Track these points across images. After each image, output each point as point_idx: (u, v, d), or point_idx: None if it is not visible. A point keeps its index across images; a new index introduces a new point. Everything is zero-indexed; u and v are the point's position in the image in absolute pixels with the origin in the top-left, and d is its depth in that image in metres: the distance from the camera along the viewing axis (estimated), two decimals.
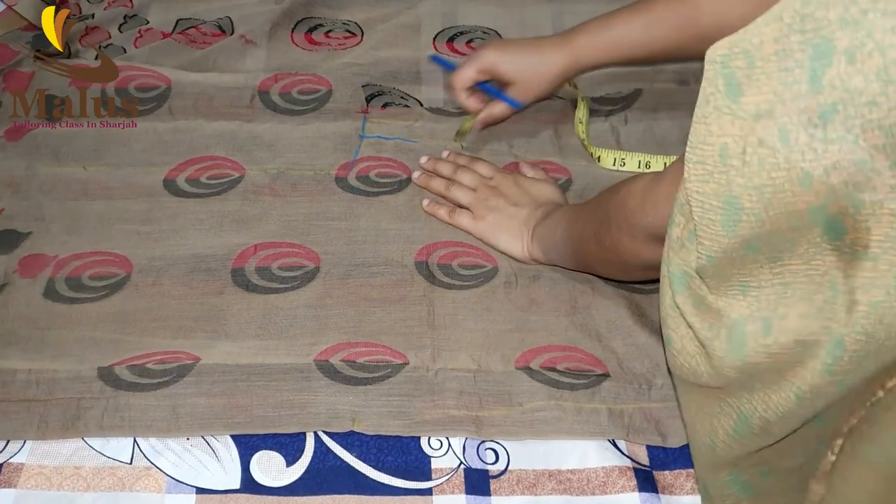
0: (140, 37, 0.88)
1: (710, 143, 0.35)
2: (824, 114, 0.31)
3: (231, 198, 0.74)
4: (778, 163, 0.33)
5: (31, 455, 0.57)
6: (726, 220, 0.36)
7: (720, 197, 0.36)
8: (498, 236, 0.69)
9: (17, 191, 0.74)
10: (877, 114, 0.30)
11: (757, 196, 0.34)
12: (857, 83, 0.30)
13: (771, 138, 0.33)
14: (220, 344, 0.63)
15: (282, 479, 0.57)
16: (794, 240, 0.35)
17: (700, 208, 0.37)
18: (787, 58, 0.32)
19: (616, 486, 0.56)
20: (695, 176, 0.37)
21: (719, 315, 0.39)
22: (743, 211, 0.35)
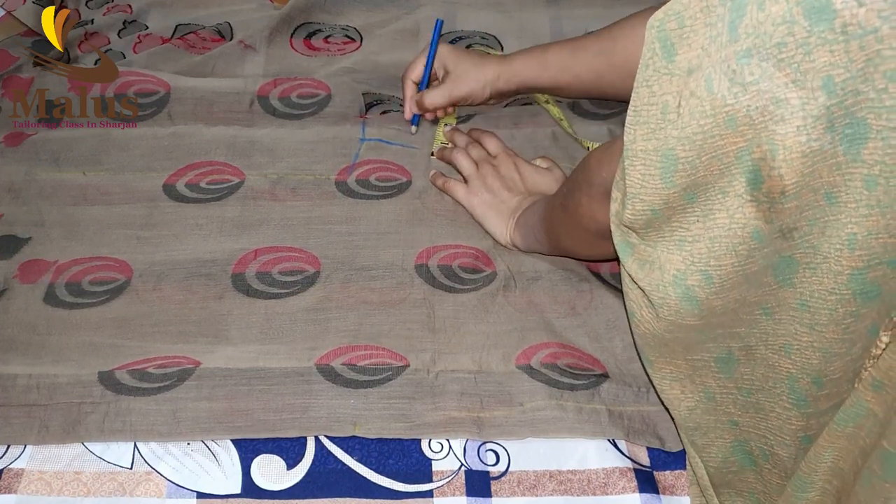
0: (139, 42, 0.89)
1: (653, 104, 0.38)
2: (741, 59, 0.34)
3: (231, 203, 0.74)
4: (705, 110, 0.36)
5: (31, 460, 0.57)
6: (664, 172, 0.39)
7: (659, 152, 0.39)
8: (486, 217, 0.71)
9: (17, 196, 0.74)
10: (785, 52, 0.33)
11: (689, 145, 0.37)
12: (767, 28, 0.34)
13: (699, 89, 0.36)
14: (221, 348, 0.63)
15: (282, 483, 0.57)
16: (725, 191, 0.38)
17: (643, 165, 0.40)
18: (710, 13, 0.36)
19: (617, 487, 0.56)
20: (640, 136, 0.40)
21: (661, 270, 0.42)
22: (678, 160, 0.38)
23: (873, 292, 0.37)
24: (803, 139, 0.34)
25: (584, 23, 0.90)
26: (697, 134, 0.37)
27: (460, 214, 0.73)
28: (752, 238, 0.38)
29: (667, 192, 0.39)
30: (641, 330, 0.46)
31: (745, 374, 0.44)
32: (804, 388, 0.42)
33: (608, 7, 0.91)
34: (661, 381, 0.49)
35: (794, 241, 0.38)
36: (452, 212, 0.73)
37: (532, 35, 0.89)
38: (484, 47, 0.88)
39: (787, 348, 0.41)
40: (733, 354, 0.44)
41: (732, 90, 0.35)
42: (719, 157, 0.37)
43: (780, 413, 0.44)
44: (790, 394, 0.43)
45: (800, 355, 0.41)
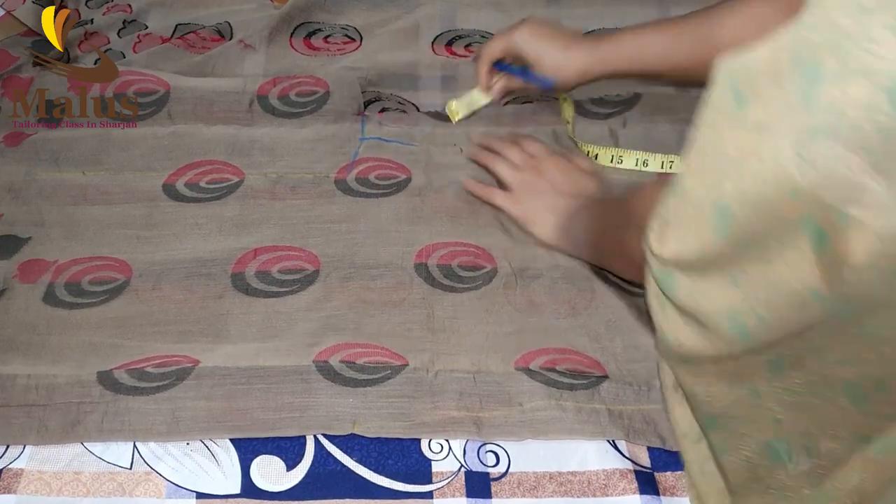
0: (139, 42, 0.89)
1: (718, 151, 0.36)
2: (812, 134, 0.32)
3: (230, 202, 0.74)
4: (768, 178, 0.34)
5: (30, 460, 0.57)
6: (717, 226, 0.37)
7: (715, 204, 0.37)
8: (532, 221, 0.69)
9: (17, 196, 0.74)
10: (863, 136, 0.31)
11: (747, 205, 0.35)
12: (845, 108, 0.31)
13: (766, 153, 0.34)
14: (220, 347, 0.63)
15: (282, 484, 0.57)
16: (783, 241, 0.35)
17: (694, 210, 0.38)
18: (780, 77, 0.33)
19: (617, 489, 0.56)
20: (699, 182, 0.38)
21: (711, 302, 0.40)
22: (733, 216, 0.36)
23: None
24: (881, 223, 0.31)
25: (583, 22, 0.90)
26: (757, 196, 0.35)
27: (460, 212, 0.73)
28: (813, 297, 0.36)
29: (718, 243, 0.37)
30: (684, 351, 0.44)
31: (796, 377, 0.42)
32: (864, 391, 0.40)
33: (608, 6, 0.91)
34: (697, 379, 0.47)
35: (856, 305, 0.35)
36: (452, 209, 0.73)
37: None
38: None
39: (844, 363, 0.39)
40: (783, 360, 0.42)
41: (801, 166, 0.32)
42: (779, 219, 0.35)
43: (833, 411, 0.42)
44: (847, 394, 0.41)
45: (860, 367, 0.39)
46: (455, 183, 0.75)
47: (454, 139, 0.79)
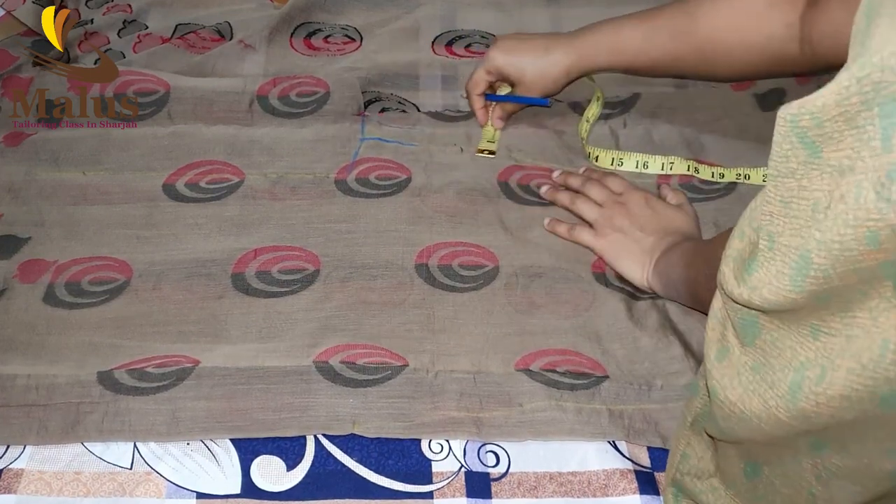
0: (139, 42, 0.89)
1: (804, 198, 0.35)
2: (891, 173, 0.31)
3: (230, 202, 0.74)
4: (848, 220, 0.33)
5: (30, 461, 0.57)
6: (795, 275, 0.36)
7: (798, 251, 0.36)
8: (619, 259, 0.67)
9: (17, 196, 0.74)
10: None
11: (826, 252, 0.34)
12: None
13: (849, 194, 0.33)
14: (220, 347, 0.63)
15: (282, 484, 0.57)
16: (866, 292, 0.35)
17: (781, 262, 0.37)
18: (854, 119, 0.33)
19: (617, 489, 0.56)
20: (787, 230, 0.36)
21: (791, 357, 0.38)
22: (812, 266, 0.35)
23: None
24: None
25: (583, 22, 0.89)
26: (835, 242, 0.34)
27: (460, 212, 0.73)
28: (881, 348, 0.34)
29: (795, 296, 0.36)
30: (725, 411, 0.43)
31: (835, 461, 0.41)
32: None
33: (608, 6, 0.91)
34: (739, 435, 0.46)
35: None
36: (453, 209, 0.73)
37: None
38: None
39: (891, 453, 0.38)
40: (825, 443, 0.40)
41: (878, 204, 0.32)
42: (857, 271, 0.34)
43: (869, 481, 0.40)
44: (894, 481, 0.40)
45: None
46: (456, 183, 0.75)
47: (454, 139, 0.79)
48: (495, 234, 0.71)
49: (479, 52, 0.88)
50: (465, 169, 0.77)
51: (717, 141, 0.79)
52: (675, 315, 0.65)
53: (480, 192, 0.75)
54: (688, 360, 0.62)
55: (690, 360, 0.62)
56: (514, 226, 0.72)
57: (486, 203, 0.74)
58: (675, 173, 0.76)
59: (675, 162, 0.76)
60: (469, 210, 0.73)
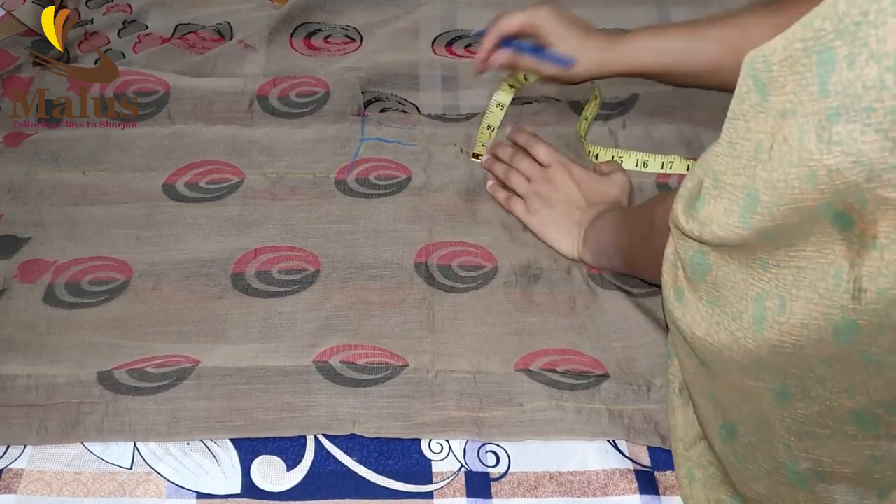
0: (139, 42, 0.89)
1: (749, 139, 0.37)
2: (830, 116, 0.33)
3: (230, 202, 0.74)
4: (792, 160, 0.35)
5: (31, 461, 0.57)
6: (743, 212, 0.38)
7: (745, 189, 0.37)
8: (548, 233, 0.69)
9: (17, 196, 0.74)
10: (874, 118, 0.32)
11: (772, 190, 0.36)
12: (857, 89, 0.32)
13: (791, 136, 0.35)
14: (220, 347, 0.63)
15: (282, 484, 0.57)
16: (807, 230, 0.36)
17: (728, 200, 0.39)
18: (796, 63, 0.34)
19: (617, 489, 0.56)
20: (730, 169, 0.38)
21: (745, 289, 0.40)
22: (759, 203, 0.37)
23: None
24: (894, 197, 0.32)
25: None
26: (780, 181, 0.35)
27: (460, 211, 0.73)
28: (833, 277, 0.36)
29: (743, 232, 0.38)
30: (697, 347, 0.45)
31: (801, 409, 0.42)
32: (873, 416, 0.40)
33: (608, 6, 0.91)
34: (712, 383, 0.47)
35: (859, 305, 0.35)
36: (452, 208, 0.73)
37: None
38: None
39: (849, 391, 0.39)
40: (789, 390, 0.42)
41: (819, 146, 0.34)
42: (797, 210, 0.36)
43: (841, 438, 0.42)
44: (855, 422, 0.41)
45: (866, 396, 0.39)
46: (455, 182, 0.75)
47: (454, 139, 0.79)
48: (494, 233, 0.71)
49: None
50: (464, 169, 0.77)
51: None
52: None
53: (480, 192, 0.75)
54: None
55: None
56: (514, 225, 0.72)
57: (485, 203, 0.74)
58: (674, 172, 0.76)
59: (674, 161, 0.76)
60: (468, 209, 0.73)
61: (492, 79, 0.84)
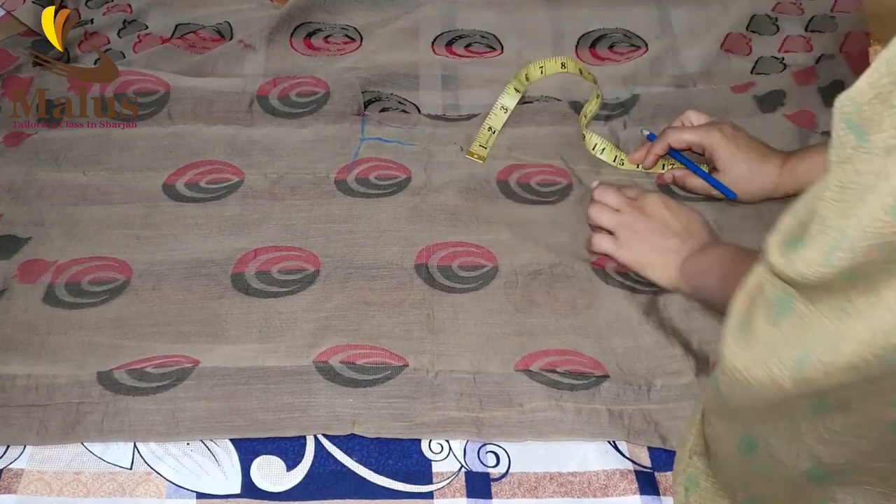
0: (139, 42, 0.88)
1: (857, 182, 0.36)
2: None
3: (230, 202, 0.74)
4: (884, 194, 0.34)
5: (31, 461, 0.57)
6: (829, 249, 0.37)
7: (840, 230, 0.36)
8: (646, 267, 0.67)
9: (17, 196, 0.74)
10: None
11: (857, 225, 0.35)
12: None
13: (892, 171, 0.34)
14: (220, 347, 0.63)
15: (282, 484, 0.57)
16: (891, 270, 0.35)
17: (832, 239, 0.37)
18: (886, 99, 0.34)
19: (618, 489, 0.56)
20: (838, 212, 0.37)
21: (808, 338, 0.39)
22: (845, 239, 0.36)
23: None
24: None
25: (584, 22, 0.90)
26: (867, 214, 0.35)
27: (460, 211, 0.73)
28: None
29: (823, 270, 0.37)
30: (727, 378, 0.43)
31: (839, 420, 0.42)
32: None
33: (608, 7, 0.91)
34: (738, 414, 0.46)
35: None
36: (452, 208, 0.73)
37: (532, 34, 0.89)
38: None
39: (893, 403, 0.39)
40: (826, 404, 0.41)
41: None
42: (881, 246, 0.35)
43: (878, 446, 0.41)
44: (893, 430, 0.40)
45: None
46: (456, 182, 0.75)
47: (454, 139, 0.79)
48: (495, 233, 0.71)
49: (480, 51, 0.88)
50: (464, 168, 0.77)
51: None
52: (675, 314, 0.65)
53: (480, 191, 0.75)
54: (688, 359, 0.62)
55: (690, 359, 0.62)
56: (514, 225, 0.72)
57: (486, 202, 0.74)
58: None
59: (674, 163, 0.76)
60: (468, 209, 0.73)
61: (491, 80, 0.84)
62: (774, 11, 0.89)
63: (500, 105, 0.79)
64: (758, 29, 0.87)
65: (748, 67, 0.85)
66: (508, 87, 0.80)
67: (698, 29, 0.89)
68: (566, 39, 0.89)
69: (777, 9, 0.89)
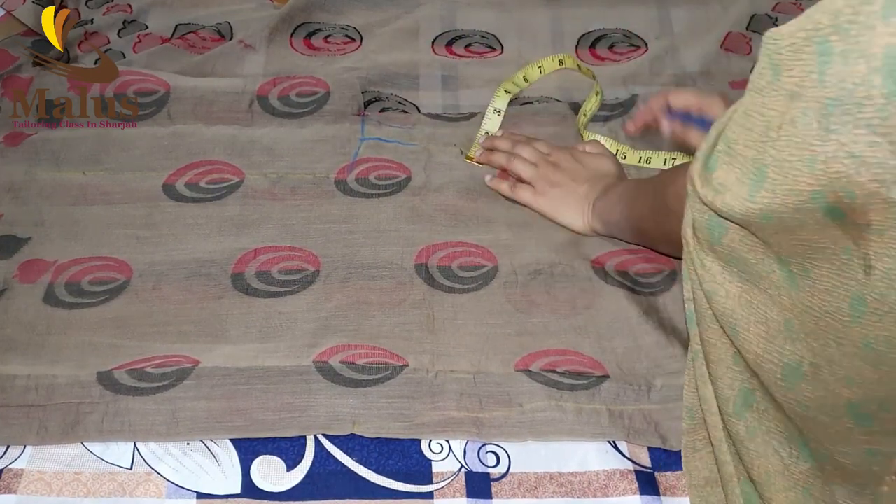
0: (139, 42, 0.89)
1: (761, 114, 0.39)
2: (829, 106, 0.34)
3: (230, 202, 0.74)
4: (796, 142, 0.36)
5: (31, 461, 0.57)
6: (753, 185, 0.39)
7: (756, 162, 0.39)
8: (559, 211, 0.71)
9: (17, 196, 0.74)
10: (864, 113, 0.33)
11: (779, 169, 0.37)
12: (849, 84, 0.33)
13: (797, 119, 0.36)
14: (220, 347, 0.63)
15: (282, 484, 0.57)
16: (801, 219, 0.38)
17: (740, 170, 0.40)
18: (799, 51, 0.36)
19: (618, 489, 0.56)
20: (742, 140, 0.40)
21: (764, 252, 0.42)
22: (767, 179, 0.38)
23: None
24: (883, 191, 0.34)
25: (584, 22, 0.90)
26: (786, 161, 0.37)
27: (460, 211, 0.73)
28: (844, 252, 0.37)
29: (751, 205, 0.39)
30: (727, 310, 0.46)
31: (805, 392, 0.43)
32: (868, 411, 0.41)
33: (608, 7, 0.92)
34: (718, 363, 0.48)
35: (868, 280, 0.37)
36: (452, 208, 0.73)
37: (532, 35, 0.89)
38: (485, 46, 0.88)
39: (848, 380, 0.40)
40: (802, 368, 0.43)
41: (819, 133, 0.35)
42: (795, 192, 0.37)
43: (840, 430, 0.43)
44: (852, 416, 0.42)
45: (863, 388, 0.40)
46: (455, 182, 0.75)
47: (454, 139, 0.79)
48: (494, 232, 0.71)
49: (480, 51, 0.88)
50: (464, 168, 0.77)
51: None
52: (675, 314, 0.65)
53: (480, 191, 0.75)
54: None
55: None
56: (514, 224, 0.72)
57: (486, 202, 0.74)
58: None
59: (676, 158, 0.76)
60: (468, 209, 0.73)
61: (491, 80, 0.84)
62: (774, 11, 0.89)
63: (493, 108, 0.80)
64: (758, 29, 0.88)
65: (748, 67, 0.85)
66: (499, 91, 0.80)
67: (698, 29, 0.89)
68: (566, 39, 0.89)
69: (777, 9, 0.89)
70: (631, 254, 0.69)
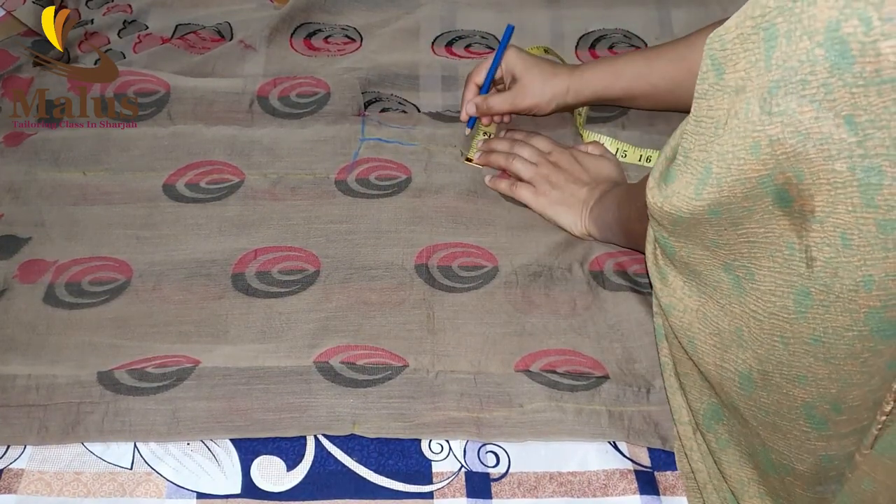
0: (139, 42, 0.89)
1: (711, 117, 0.40)
2: (772, 89, 0.35)
3: (231, 203, 0.74)
4: (739, 132, 0.37)
5: (31, 461, 0.57)
6: (698, 184, 0.40)
7: (703, 163, 0.40)
8: (558, 213, 0.71)
9: (17, 196, 0.74)
10: (808, 90, 0.34)
11: (722, 162, 0.38)
12: (794, 62, 0.34)
13: (741, 111, 0.37)
14: (220, 348, 0.63)
15: (282, 484, 0.57)
16: (750, 208, 0.39)
17: (691, 174, 0.41)
18: (746, 40, 0.37)
19: (617, 489, 0.56)
20: (696, 146, 0.41)
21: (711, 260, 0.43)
22: (711, 175, 0.39)
23: (891, 331, 0.37)
24: (828, 168, 0.34)
25: (584, 23, 0.90)
26: (729, 153, 0.38)
27: (460, 212, 0.73)
28: (787, 247, 0.38)
29: (696, 203, 0.40)
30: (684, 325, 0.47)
31: (762, 398, 0.44)
32: (822, 413, 0.42)
33: (608, 7, 0.92)
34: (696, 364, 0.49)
35: (811, 272, 0.38)
36: (453, 209, 0.73)
37: (532, 35, 0.89)
38: (484, 46, 0.88)
39: (800, 379, 0.41)
40: (752, 375, 0.44)
41: (762, 118, 0.36)
42: (742, 182, 0.38)
43: (798, 434, 0.44)
44: (807, 418, 0.43)
45: (815, 386, 0.41)
46: (456, 183, 0.75)
47: (454, 140, 0.79)
48: (494, 234, 0.71)
49: (479, 52, 0.88)
50: (464, 169, 0.77)
51: None
52: None
53: (480, 192, 0.75)
54: None
55: None
56: (513, 225, 0.72)
57: (486, 203, 0.74)
58: None
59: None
60: (469, 210, 0.73)
61: None
62: None
63: None
64: None
65: None
66: None
67: None
68: (566, 40, 0.89)
69: None
70: (628, 255, 0.69)
